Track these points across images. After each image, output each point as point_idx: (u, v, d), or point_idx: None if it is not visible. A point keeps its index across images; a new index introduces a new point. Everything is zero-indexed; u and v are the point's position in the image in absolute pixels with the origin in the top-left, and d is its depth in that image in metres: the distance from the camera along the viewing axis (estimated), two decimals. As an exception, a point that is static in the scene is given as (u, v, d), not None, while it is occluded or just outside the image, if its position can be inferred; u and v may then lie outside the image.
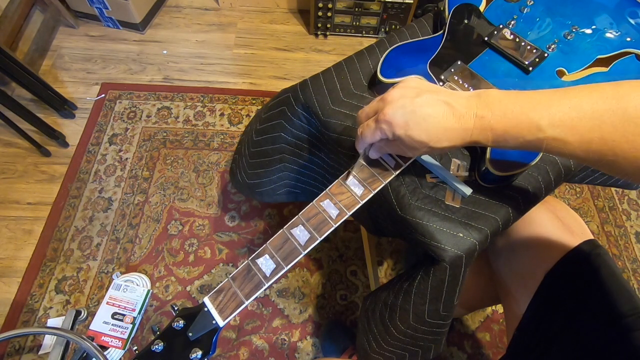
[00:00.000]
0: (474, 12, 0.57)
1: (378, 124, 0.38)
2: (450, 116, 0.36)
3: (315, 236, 0.41)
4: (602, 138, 0.31)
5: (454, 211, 0.48)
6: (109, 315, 0.95)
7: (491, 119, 0.34)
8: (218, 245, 1.12)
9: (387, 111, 0.37)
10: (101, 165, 1.22)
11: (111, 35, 1.52)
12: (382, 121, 0.37)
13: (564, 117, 0.32)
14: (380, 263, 1.12)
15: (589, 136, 0.32)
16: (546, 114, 0.33)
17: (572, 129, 0.32)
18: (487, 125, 0.35)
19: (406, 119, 0.36)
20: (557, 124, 0.32)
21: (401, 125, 0.36)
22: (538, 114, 0.33)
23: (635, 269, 1.16)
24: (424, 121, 0.36)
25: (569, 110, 0.32)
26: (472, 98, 0.36)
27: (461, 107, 0.35)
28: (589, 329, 0.48)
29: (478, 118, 0.35)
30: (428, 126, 0.36)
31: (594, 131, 0.31)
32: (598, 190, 1.28)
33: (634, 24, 0.53)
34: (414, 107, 0.36)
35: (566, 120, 0.32)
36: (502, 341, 1.03)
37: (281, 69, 1.49)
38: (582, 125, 0.32)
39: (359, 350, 0.66)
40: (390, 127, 0.37)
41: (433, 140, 0.36)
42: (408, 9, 1.44)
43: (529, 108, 0.33)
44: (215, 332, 0.37)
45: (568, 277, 0.52)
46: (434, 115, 0.36)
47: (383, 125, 0.37)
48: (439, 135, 0.36)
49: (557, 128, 0.32)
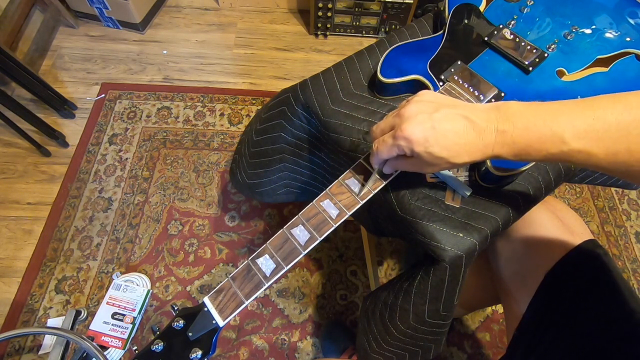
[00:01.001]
0: (474, 12, 0.57)
1: (396, 140, 0.36)
2: (470, 131, 0.34)
3: (315, 236, 0.41)
4: (629, 150, 0.30)
5: (454, 211, 0.48)
6: (109, 315, 0.95)
7: (513, 133, 0.33)
8: (218, 245, 1.12)
9: (406, 127, 0.35)
10: (101, 165, 1.22)
11: (111, 35, 1.52)
12: (400, 137, 0.36)
13: (589, 129, 0.31)
14: (380, 263, 1.12)
15: (615, 148, 0.31)
16: (570, 127, 0.32)
17: (597, 141, 0.31)
18: (509, 140, 0.34)
19: (426, 135, 0.35)
20: (582, 135, 0.31)
21: (420, 142, 0.35)
22: (561, 126, 0.32)
23: (635, 269, 1.16)
24: (443, 137, 0.35)
25: (594, 122, 0.31)
26: (491, 111, 0.35)
27: (481, 122, 0.34)
28: (589, 329, 0.48)
29: (499, 133, 0.34)
30: (448, 142, 0.35)
31: (620, 143, 0.31)
32: (598, 190, 1.28)
33: (634, 24, 0.53)
34: (433, 122, 0.35)
35: (591, 133, 0.31)
36: (502, 341, 1.03)
37: (281, 69, 1.49)
38: (607, 137, 0.31)
39: (359, 350, 0.66)
40: (409, 144, 0.36)
41: (453, 156, 0.35)
42: (408, 9, 1.44)
43: (552, 120, 0.32)
44: (215, 332, 0.37)
45: (568, 277, 0.52)
46: (454, 131, 0.35)
47: (401, 142, 0.36)
48: (460, 151, 0.35)
49: (582, 140, 0.31)
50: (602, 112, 0.31)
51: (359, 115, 0.55)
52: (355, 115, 0.55)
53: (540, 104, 0.34)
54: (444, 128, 0.35)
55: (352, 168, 0.45)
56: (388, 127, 0.39)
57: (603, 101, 0.32)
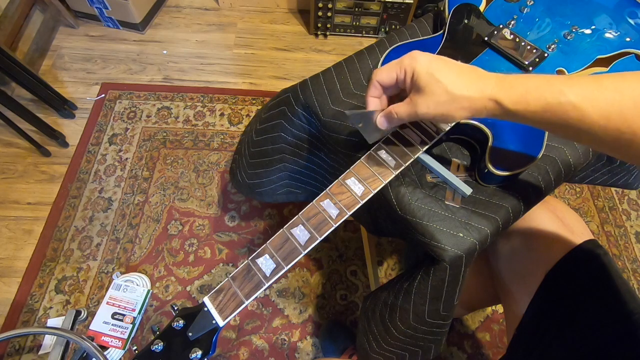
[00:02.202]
0: (474, 12, 0.57)
1: (401, 60, 0.39)
2: (472, 72, 0.37)
3: (315, 236, 0.41)
4: (621, 113, 0.31)
5: (454, 211, 0.48)
6: (109, 315, 0.95)
7: (512, 80, 0.36)
8: (218, 245, 1.12)
9: (413, 52, 0.39)
10: (101, 165, 1.22)
11: (111, 35, 1.52)
12: (407, 56, 0.39)
13: (584, 86, 0.33)
14: (380, 263, 1.12)
15: (609, 110, 0.32)
16: (567, 81, 0.34)
17: (592, 100, 0.32)
18: (507, 85, 0.36)
19: (430, 60, 0.38)
20: (577, 91, 0.33)
21: (424, 62, 0.38)
22: (559, 80, 0.34)
23: (635, 269, 1.16)
24: (445, 66, 0.37)
25: (590, 82, 0.33)
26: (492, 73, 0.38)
27: (483, 71, 0.38)
28: (589, 329, 0.48)
29: (499, 78, 0.36)
30: (450, 72, 0.37)
31: (613, 105, 0.31)
32: (598, 190, 1.28)
33: (634, 24, 0.53)
34: (439, 58, 0.38)
35: (586, 90, 0.33)
36: (502, 341, 1.03)
37: (281, 69, 1.49)
38: (602, 97, 0.32)
39: (359, 350, 0.66)
40: (413, 62, 0.38)
41: (451, 82, 0.36)
42: (408, 9, 1.44)
43: (550, 77, 0.35)
44: (215, 332, 0.37)
45: (568, 277, 0.52)
46: (457, 67, 0.38)
47: (406, 59, 0.39)
48: (458, 82, 0.37)
49: (579, 96, 0.33)
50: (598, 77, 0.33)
51: (359, 115, 0.55)
52: (355, 115, 0.55)
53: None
54: (447, 62, 0.38)
55: (352, 168, 0.45)
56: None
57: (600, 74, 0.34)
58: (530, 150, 0.47)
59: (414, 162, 0.48)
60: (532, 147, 0.47)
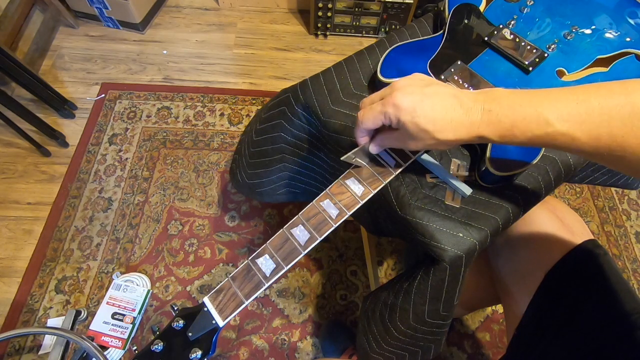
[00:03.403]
0: (474, 12, 0.57)
1: (384, 107, 0.37)
2: (458, 107, 0.36)
3: (315, 236, 0.41)
4: (611, 134, 0.31)
5: (454, 211, 0.48)
6: (109, 315, 0.96)
7: (499, 113, 0.34)
8: (218, 245, 1.12)
9: (396, 95, 0.37)
10: (101, 165, 1.22)
11: (111, 35, 1.52)
12: (389, 104, 0.37)
13: (572, 111, 0.32)
14: (380, 263, 1.12)
15: (598, 132, 0.31)
16: (554, 109, 0.33)
17: (580, 124, 0.32)
18: (494, 119, 0.35)
19: (414, 104, 0.36)
20: (566, 118, 0.32)
21: (408, 110, 0.36)
22: (546, 108, 0.33)
23: (635, 269, 1.16)
24: (431, 109, 0.36)
25: (577, 106, 0.32)
26: (479, 94, 0.36)
27: (469, 101, 0.36)
28: (589, 329, 0.48)
29: (485, 112, 0.35)
30: (435, 115, 0.36)
31: (602, 126, 0.31)
32: (598, 190, 1.28)
33: (634, 24, 0.53)
34: (423, 95, 0.36)
35: (574, 115, 0.32)
36: (502, 341, 1.03)
37: (281, 69, 1.49)
38: (590, 121, 0.31)
39: (359, 350, 0.66)
40: (397, 112, 0.37)
41: (438, 130, 0.36)
42: (408, 9, 1.44)
43: (537, 102, 0.33)
44: (215, 332, 0.37)
45: (568, 277, 0.52)
46: (442, 105, 0.36)
47: (389, 108, 0.37)
48: (445, 126, 0.36)
49: (566, 123, 0.32)
50: (586, 96, 0.32)
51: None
52: (355, 115, 0.55)
53: (527, 90, 0.35)
54: (432, 101, 0.36)
55: (352, 168, 0.45)
56: (378, 98, 0.40)
57: (587, 87, 0.33)
58: (530, 150, 0.47)
59: (414, 162, 0.48)
60: (532, 148, 0.47)
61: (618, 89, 0.32)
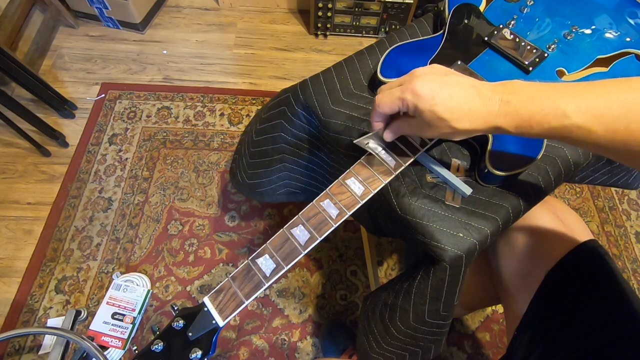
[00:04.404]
0: (474, 12, 0.57)
1: (402, 93, 0.38)
2: (476, 97, 0.36)
3: (315, 236, 0.41)
4: (628, 127, 0.31)
5: (454, 211, 0.48)
6: (109, 315, 0.95)
7: (517, 104, 0.34)
8: (218, 245, 1.12)
9: (415, 82, 0.37)
10: (101, 165, 1.22)
11: (111, 35, 1.52)
12: (408, 91, 0.37)
13: (591, 104, 0.32)
14: (380, 263, 1.12)
15: (615, 125, 0.31)
16: (572, 101, 0.33)
17: (598, 117, 0.32)
18: (512, 110, 0.35)
19: (433, 92, 0.36)
20: (584, 111, 0.32)
21: (427, 98, 0.36)
22: (564, 100, 0.33)
23: (635, 269, 1.16)
24: (449, 98, 0.36)
25: (596, 99, 0.32)
26: (498, 85, 0.37)
27: (487, 91, 0.36)
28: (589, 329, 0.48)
29: (504, 102, 0.35)
30: (453, 104, 0.36)
31: (620, 120, 0.31)
32: (598, 190, 1.28)
33: (634, 24, 0.53)
34: (442, 84, 0.36)
35: (593, 108, 0.32)
36: (502, 341, 1.03)
37: (281, 69, 1.49)
38: (608, 114, 0.31)
39: (359, 350, 0.66)
40: (415, 99, 0.37)
41: (455, 119, 0.36)
42: (408, 9, 1.44)
43: (556, 95, 0.33)
44: (215, 332, 0.37)
45: (569, 277, 0.52)
46: (460, 94, 0.36)
47: (408, 95, 0.37)
48: (462, 116, 0.36)
49: (583, 115, 0.32)
50: (605, 90, 0.32)
51: (359, 115, 0.55)
52: (355, 115, 0.55)
53: (545, 83, 0.35)
54: (451, 90, 0.36)
55: (352, 168, 0.45)
56: (396, 84, 0.40)
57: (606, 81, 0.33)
58: (530, 150, 0.47)
59: (414, 162, 0.48)
60: (532, 148, 0.47)
61: (637, 84, 0.32)
